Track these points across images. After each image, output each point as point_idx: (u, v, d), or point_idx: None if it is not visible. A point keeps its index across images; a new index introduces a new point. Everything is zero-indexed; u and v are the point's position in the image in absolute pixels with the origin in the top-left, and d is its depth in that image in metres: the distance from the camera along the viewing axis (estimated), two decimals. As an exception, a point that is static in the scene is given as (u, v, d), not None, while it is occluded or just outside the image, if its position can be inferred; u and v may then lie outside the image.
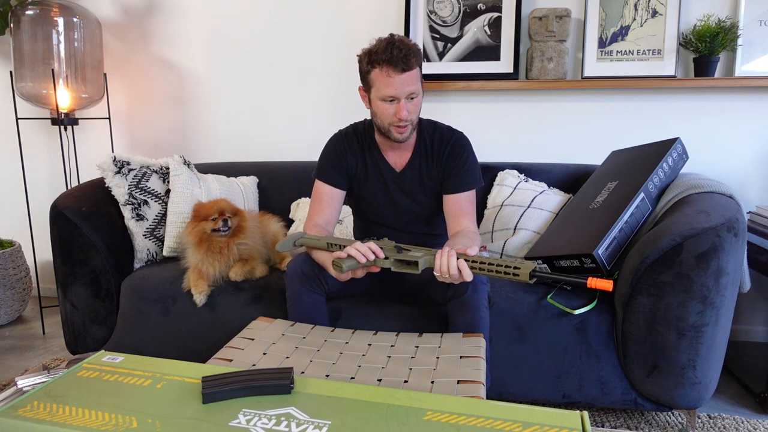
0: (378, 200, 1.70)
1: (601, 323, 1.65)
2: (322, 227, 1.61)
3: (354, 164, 1.67)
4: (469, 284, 1.46)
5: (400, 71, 1.44)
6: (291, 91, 2.62)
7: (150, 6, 2.66)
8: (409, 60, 1.43)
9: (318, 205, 1.65)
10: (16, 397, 0.97)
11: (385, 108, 1.50)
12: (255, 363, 1.21)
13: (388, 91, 1.46)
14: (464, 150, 1.63)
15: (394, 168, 1.67)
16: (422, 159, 1.65)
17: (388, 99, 1.48)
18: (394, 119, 1.50)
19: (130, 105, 2.77)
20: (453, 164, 1.62)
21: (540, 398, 1.70)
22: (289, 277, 1.59)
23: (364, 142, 1.67)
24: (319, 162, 1.68)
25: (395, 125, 1.52)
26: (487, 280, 1.56)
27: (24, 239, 2.68)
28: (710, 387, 1.60)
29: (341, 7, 2.51)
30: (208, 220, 1.87)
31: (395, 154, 1.67)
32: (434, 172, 1.65)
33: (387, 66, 1.44)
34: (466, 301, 1.48)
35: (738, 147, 2.28)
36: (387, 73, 1.44)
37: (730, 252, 1.47)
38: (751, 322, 2.35)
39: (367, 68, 1.49)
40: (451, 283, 1.47)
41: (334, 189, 1.65)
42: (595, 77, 2.29)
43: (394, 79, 1.44)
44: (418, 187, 1.67)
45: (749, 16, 2.17)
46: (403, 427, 0.85)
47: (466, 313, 1.48)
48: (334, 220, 1.66)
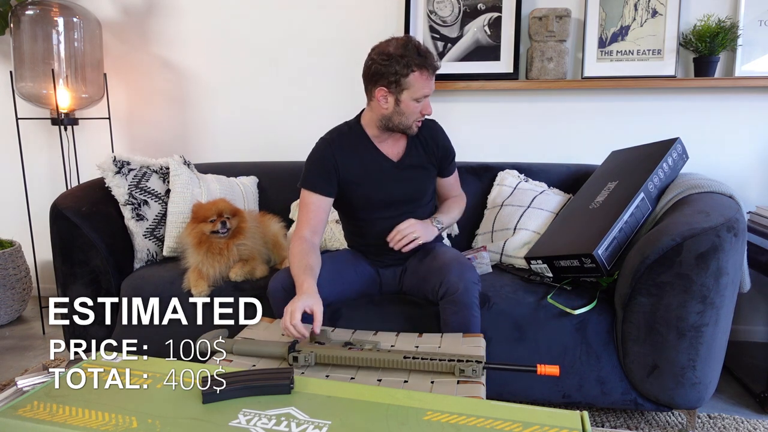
0: (377, 192, 1.71)
1: (601, 323, 1.65)
2: (307, 240, 1.61)
3: (345, 162, 1.68)
4: (461, 283, 1.50)
5: (432, 74, 1.59)
6: (291, 91, 2.62)
7: (150, 6, 2.66)
8: (435, 64, 1.60)
9: (305, 215, 1.66)
10: (16, 397, 0.97)
11: (415, 107, 1.61)
12: (255, 363, 1.21)
13: (425, 92, 1.59)
14: (447, 137, 1.80)
15: (391, 159, 1.72)
16: (419, 146, 1.74)
17: (421, 98, 1.60)
18: (419, 116, 1.63)
19: (130, 105, 2.77)
20: (446, 151, 1.78)
21: (540, 398, 1.70)
22: (270, 294, 1.60)
23: (355, 140, 1.70)
24: (304, 171, 1.69)
25: (417, 120, 1.65)
26: (478, 280, 1.57)
27: (24, 239, 2.68)
28: (710, 387, 1.60)
29: (341, 7, 2.51)
30: (206, 222, 1.87)
31: (389, 146, 1.72)
32: (431, 157, 1.75)
33: (425, 70, 1.57)
34: (457, 300, 1.49)
35: (738, 147, 2.28)
36: (426, 77, 1.58)
37: (730, 252, 1.47)
38: (751, 322, 2.35)
39: (404, 71, 1.56)
40: (442, 282, 1.51)
41: (320, 197, 1.66)
42: (595, 77, 2.29)
43: (429, 80, 1.59)
44: (420, 171, 1.74)
45: (749, 16, 2.17)
46: (403, 427, 0.85)
47: (457, 311, 1.49)
48: (321, 229, 1.68)
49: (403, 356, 1.15)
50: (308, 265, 1.52)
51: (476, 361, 1.12)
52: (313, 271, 1.51)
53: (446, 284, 1.51)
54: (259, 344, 1.27)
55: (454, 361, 1.12)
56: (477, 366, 1.11)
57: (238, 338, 1.35)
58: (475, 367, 1.11)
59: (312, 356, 1.19)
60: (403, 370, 1.16)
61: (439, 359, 1.13)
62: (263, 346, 1.26)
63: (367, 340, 1.24)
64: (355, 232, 1.82)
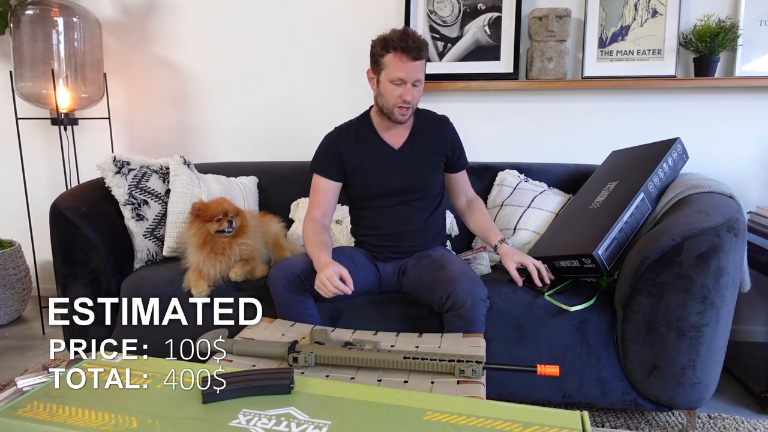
0: (377, 178, 1.76)
1: (601, 323, 1.65)
2: (318, 220, 1.74)
3: (348, 151, 1.77)
4: (468, 299, 1.49)
5: (412, 59, 1.60)
6: (291, 91, 2.62)
7: (150, 6, 2.66)
8: (420, 50, 1.61)
9: (315, 198, 1.79)
10: (16, 397, 0.97)
11: (392, 89, 1.64)
12: (255, 363, 1.21)
13: (398, 74, 1.61)
14: (457, 134, 1.84)
15: (392, 146, 1.77)
16: (421, 137, 1.79)
17: (396, 81, 1.62)
18: (398, 101, 1.65)
19: (130, 105, 2.77)
20: (457, 147, 1.82)
21: (540, 398, 1.70)
22: (270, 282, 1.64)
23: (360, 127, 1.80)
24: (314, 156, 1.82)
25: (398, 106, 1.66)
26: (487, 297, 1.55)
27: (24, 239, 2.68)
28: (710, 387, 1.60)
29: (341, 7, 2.51)
30: (212, 222, 1.86)
31: (391, 134, 1.78)
32: (439, 150, 1.79)
33: (402, 52, 1.59)
34: (464, 314, 1.48)
35: (738, 147, 2.28)
36: (400, 59, 1.60)
37: (730, 252, 1.47)
38: (751, 322, 2.34)
39: (381, 52, 1.63)
40: (449, 295, 1.51)
41: (328, 181, 1.77)
42: (595, 77, 2.29)
43: (406, 64, 1.60)
44: (419, 161, 1.77)
45: (749, 16, 2.17)
46: (403, 427, 0.85)
47: (462, 325, 1.48)
48: (330, 211, 1.80)
49: (403, 356, 1.15)
50: (323, 241, 1.66)
51: (476, 361, 1.12)
52: (327, 247, 1.65)
53: (454, 297, 1.50)
54: (259, 344, 1.27)
55: (454, 362, 1.12)
56: (477, 366, 1.11)
57: (238, 338, 1.35)
58: (475, 367, 1.11)
59: (312, 356, 1.19)
60: (403, 370, 1.16)
61: (439, 359, 1.13)
62: (263, 346, 1.26)
63: (367, 340, 1.23)
64: (358, 223, 1.87)
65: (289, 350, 1.20)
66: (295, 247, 2.17)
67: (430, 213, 1.81)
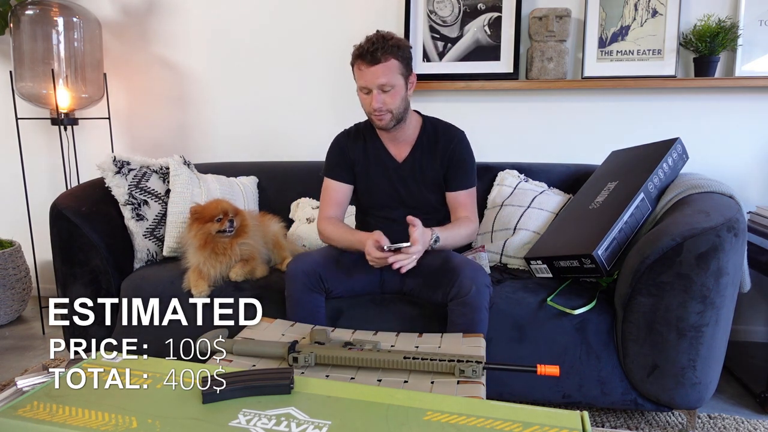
0: (380, 188, 1.76)
1: (601, 323, 1.65)
2: (333, 218, 1.76)
3: (355, 156, 1.77)
4: (473, 285, 1.50)
5: (369, 64, 1.57)
6: (291, 91, 2.62)
7: (150, 6, 2.66)
8: (375, 54, 1.55)
9: (328, 199, 1.80)
10: (16, 397, 0.97)
11: (363, 98, 1.65)
12: (255, 363, 1.21)
13: (360, 83, 1.62)
14: (468, 152, 1.75)
15: (396, 159, 1.76)
16: (423, 152, 1.74)
17: (364, 90, 1.63)
18: (370, 108, 1.64)
19: (130, 105, 2.77)
20: (458, 164, 1.73)
21: (540, 398, 1.70)
22: (290, 276, 1.63)
23: (366, 134, 1.79)
24: (326, 160, 1.82)
25: (373, 114, 1.65)
26: (490, 283, 1.57)
27: (24, 239, 2.68)
28: (710, 387, 1.60)
29: (341, 8, 2.51)
30: (213, 222, 1.86)
31: (396, 146, 1.76)
32: (437, 165, 1.74)
33: (359, 60, 1.59)
34: (468, 301, 1.50)
35: (738, 147, 2.28)
36: (359, 66, 1.61)
37: (730, 252, 1.47)
38: (751, 322, 2.34)
39: (351, 62, 1.64)
40: (454, 283, 1.51)
41: (339, 184, 1.78)
42: (595, 77, 2.29)
43: (364, 71, 1.59)
44: (418, 177, 1.74)
45: (749, 16, 2.17)
46: (403, 427, 0.85)
47: (466, 313, 1.50)
48: (342, 213, 1.80)
49: (403, 356, 1.15)
50: (348, 228, 1.71)
51: (476, 361, 1.12)
52: (354, 230, 1.71)
53: (458, 286, 1.52)
54: (259, 344, 1.27)
55: (454, 362, 1.12)
56: (477, 366, 1.11)
57: (238, 338, 1.35)
58: (475, 367, 1.11)
59: (312, 356, 1.19)
60: (403, 370, 1.16)
61: (439, 359, 1.13)
62: (263, 346, 1.26)
63: (367, 340, 1.23)
64: (363, 227, 1.84)
65: (289, 350, 1.20)
66: (295, 247, 2.17)
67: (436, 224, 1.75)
